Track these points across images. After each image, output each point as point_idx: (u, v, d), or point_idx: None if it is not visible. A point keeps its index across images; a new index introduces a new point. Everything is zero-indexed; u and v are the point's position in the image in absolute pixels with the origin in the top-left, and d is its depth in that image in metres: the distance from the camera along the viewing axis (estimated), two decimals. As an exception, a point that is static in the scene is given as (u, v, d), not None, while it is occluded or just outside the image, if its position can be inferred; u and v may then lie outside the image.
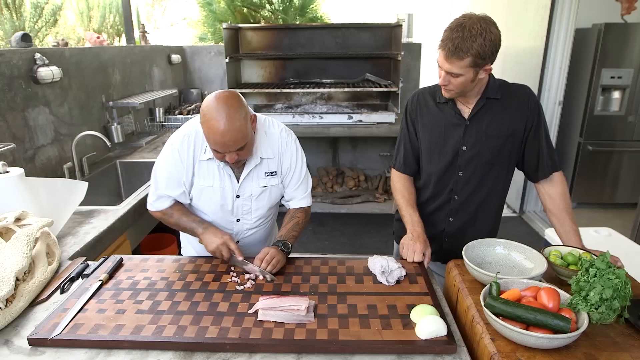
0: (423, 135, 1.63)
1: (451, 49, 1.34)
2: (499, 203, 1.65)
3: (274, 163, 1.57)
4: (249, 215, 1.60)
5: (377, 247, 3.77)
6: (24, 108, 2.20)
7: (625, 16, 4.01)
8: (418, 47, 4.74)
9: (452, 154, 1.56)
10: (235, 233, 1.63)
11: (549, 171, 1.55)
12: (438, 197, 1.64)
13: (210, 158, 1.49)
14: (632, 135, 4.23)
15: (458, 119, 1.55)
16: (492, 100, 1.51)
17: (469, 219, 1.63)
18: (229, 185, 1.53)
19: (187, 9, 11.95)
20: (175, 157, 1.51)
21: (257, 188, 1.56)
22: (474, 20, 1.34)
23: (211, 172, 1.52)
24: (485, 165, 1.55)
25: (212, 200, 1.55)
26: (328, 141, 5.06)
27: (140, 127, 3.60)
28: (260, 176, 1.55)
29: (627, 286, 1.06)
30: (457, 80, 1.41)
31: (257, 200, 1.58)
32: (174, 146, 1.52)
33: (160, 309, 1.22)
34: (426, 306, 1.19)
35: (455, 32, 1.34)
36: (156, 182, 1.55)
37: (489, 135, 1.52)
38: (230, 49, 4.29)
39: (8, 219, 1.41)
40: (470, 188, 1.58)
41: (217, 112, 1.31)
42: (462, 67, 1.37)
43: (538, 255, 1.36)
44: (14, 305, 1.20)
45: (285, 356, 1.07)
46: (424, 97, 1.63)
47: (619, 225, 2.88)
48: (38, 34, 8.21)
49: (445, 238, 1.67)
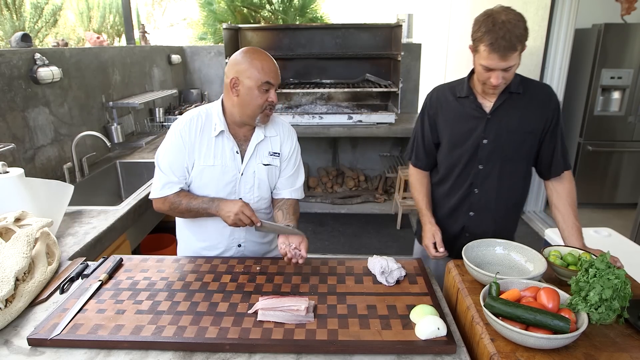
0: (444, 130, 1.65)
1: (506, 46, 1.36)
2: (519, 200, 1.66)
3: (277, 144, 1.62)
4: (250, 194, 1.60)
5: (376, 247, 3.77)
6: (24, 108, 2.20)
7: (625, 16, 4.01)
8: (418, 47, 4.75)
9: (472, 147, 1.58)
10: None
11: (562, 169, 1.58)
12: (458, 191, 1.65)
13: (221, 131, 1.53)
14: (632, 136, 4.23)
15: (479, 112, 1.56)
16: (514, 95, 1.53)
17: (489, 215, 1.64)
18: (232, 163, 1.55)
19: (187, 9, 11.95)
20: (178, 140, 1.53)
21: (261, 165, 1.59)
22: (502, 12, 1.38)
23: (214, 151, 1.54)
24: (505, 160, 1.56)
25: (213, 180, 1.55)
26: (328, 141, 5.07)
27: (140, 127, 3.60)
28: (264, 154, 1.60)
29: (626, 286, 1.06)
30: (510, 72, 1.43)
31: (259, 179, 1.60)
32: (176, 129, 1.54)
33: (160, 309, 1.22)
34: (426, 306, 1.19)
35: (500, 30, 1.35)
36: (160, 169, 1.55)
37: (509, 130, 1.53)
38: (230, 49, 4.29)
39: (8, 219, 1.41)
40: (491, 182, 1.59)
41: (258, 50, 1.49)
42: (516, 57, 1.39)
43: (538, 255, 1.36)
44: (14, 305, 1.20)
45: (285, 356, 1.07)
46: (443, 93, 1.66)
47: (619, 225, 2.88)
48: (38, 34, 8.22)
49: (466, 233, 1.67)
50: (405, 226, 4.15)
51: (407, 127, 4.22)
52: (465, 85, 1.59)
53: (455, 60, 7.04)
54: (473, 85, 1.59)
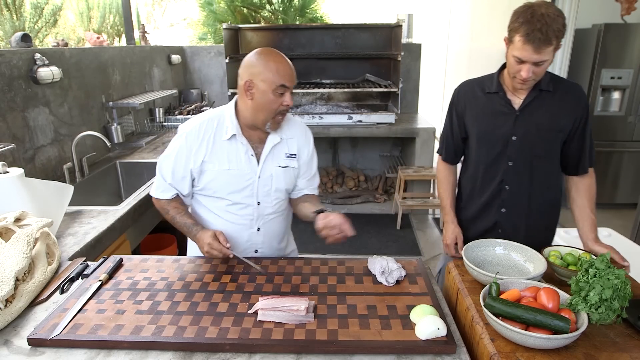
0: (472, 125, 1.65)
1: (542, 38, 1.35)
2: (554, 198, 1.65)
3: (294, 145, 1.59)
4: (268, 197, 1.58)
5: (376, 247, 3.77)
6: (24, 108, 2.20)
7: (625, 16, 4.01)
8: (418, 47, 4.75)
9: (502, 144, 1.58)
10: (257, 217, 1.60)
11: (588, 168, 1.59)
12: (488, 188, 1.65)
13: (233, 135, 1.50)
14: (632, 136, 4.23)
15: (508, 109, 1.56)
16: (544, 92, 1.53)
17: (521, 212, 1.63)
18: (247, 166, 1.52)
19: (187, 10, 11.95)
20: (182, 144, 1.51)
21: (277, 168, 1.56)
22: (544, 6, 1.38)
23: (225, 154, 1.51)
24: (535, 158, 1.56)
25: (228, 184, 1.53)
26: (328, 141, 5.07)
27: (140, 127, 3.60)
28: (280, 156, 1.57)
29: (626, 286, 1.06)
30: (541, 67, 1.43)
31: (276, 181, 1.57)
32: (184, 131, 1.52)
33: (160, 309, 1.22)
34: (426, 306, 1.19)
35: (537, 22, 1.35)
36: (161, 170, 1.56)
37: (539, 127, 1.53)
38: (230, 49, 4.29)
39: (8, 219, 1.41)
40: (521, 179, 1.59)
41: (273, 51, 1.45)
42: (550, 52, 1.39)
43: (538, 255, 1.36)
44: (14, 305, 1.20)
45: (285, 356, 1.07)
46: (471, 88, 1.66)
47: (619, 225, 2.88)
48: (38, 34, 8.22)
49: (499, 229, 1.67)
50: (405, 226, 4.15)
51: (407, 127, 4.22)
52: (495, 80, 1.59)
53: (455, 60, 7.04)
54: (503, 81, 1.59)
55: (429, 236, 3.99)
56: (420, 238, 3.93)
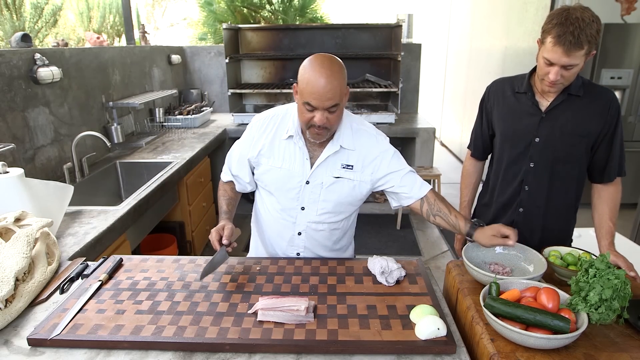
0: (498, 124, 1.66)
1: (573, 41, 1.34)
2: (570, 203, 1.65)
3: (354, 157, 1.50)
4: (314, 205, 1.53)
5: (377, 247, 3.77)
6: (23, 108, 2.20)
7: (625, 16, 4.01)
8: (418, 47, 4.75)
9: (524, 144, 1.58)
10: (298, 223, 1.57)
11: (615, 176, 1.58)
12: (509, 186, 1.66)
13: (290, 136, 1.48)
14: (632, 136, 4.23)
15: (534, 110, 1.56)
16: (573, 97, 1.52)
17: (538, 213, 1.64)
18: (300, 168, 1.49)
19: (187, 10, 11.96)
20: (249, 133, 1.55)
21: (330, 177, 1.50)
22: (580, 10, 1.37)
23: (282, 152, 1.50)
24: (557, 161, 1.56)
25: (279, 183, 1.52)
26: (328, 141, 5.06)
27: (140, 127, 3.60)
28: (335, 166, 1.50)
29: (626, 286, 1.06)
30: (571, 72, 1.42)
31: (326, 191, 1.51)
32: (254, 120, 1.56)
33: (160, 309, 1.22)
34: (426, 306, 1.19)
35: (571, 25, 1.34)
36: (230, 154, 1.62)
37: (563, 131, 1.52)
38: (230, 49, 4.29)
39: (8, 219, 1.41)
40: (541, 181, 1.59)
41: (323, 64, 1.33)
42: (579, 56, 1.38)
43: (538, 255, 1.36)
44: (14, 305, 1.20)
45: (285, 356, 1.07)
46: (502, 87, 1.67)
47: (619, 225, 2.87)
48: (38, 34, 8.22)
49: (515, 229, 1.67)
50: (405, 226, 4.15)
51: (407, 127, 4.22)
52: (526, 81, 1.59)
53: (455, 60, 7.05)
54: (533, 82, 1.58)
55: (429, 236, 3.99)
56: (420, 238, 3.94)
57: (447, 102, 7.41)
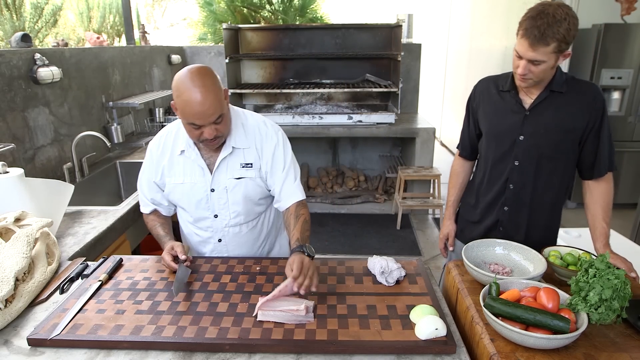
0: (483, 122, 1.66)
1: (537, 35, 1.35)
2: (555, 199, 1.64)
3: (251, 154, 1.50)
4: (226, 210, 1.54)
5: (377, 247, 3.77)
6: (23, 108, 2.20)
7: (624, 16, 4.01)
8: (418, 47, 4.75)
9: (509, 143, 1.58)
10: (216, 230, 1.59)
11: (605, 171, 1.55)
12: (494, 185, 1.66)
13: (182, 151, 1.49)
14: (632, 136, 4.23)
15: (518, 108, 1.56)
16: (556, 93, 1.51)
17: (523, 211, 1.63)
18: (202, 179, 1.50)
19: (187, 10, 11.96)
20: (148, 158, 1.55)
21: (232, 180, 1.50)
22: (555, 7, 1.36)
23: (181, 168, 1.51)
24: (541, 158, 1.55)
25: (185, 197, 1.53)
26: (328, 141, 5.07)
27: (140, 127, 3.60)
28: (234, 167, 1.50)
29: (626, 286, 1.06)
30: (539, 68, 1.41)
31: (233, 193, 1.51)
32: (149, 145, 1.57)
33: (160, 309, 1.22)
34: (425, 306, 1.19)
35: (539, 20, 1.35)
36: (140, 185, 1.61)
37: (548, 128, 1.52)
38: (230, 49, 4.29)
39: (8, 219, 1.41)
40: (526, 179, 1.59)
41: (193, 82, 1.28)
42: (547, 53, 1.37)
43: (537, 255, 1.36)
44: (14, 305, 1.20)
45: (285, 356, 1.07)
46: (487, 85, 1.67)
47: (619, 225, 2.88)
48: (38, 34, 8.22)
49: (500, 227, 1.68)
50: (405, 226, 4.15)
51: (407, 127, 4.22)
52: (510, 79, 1.58)
53: (455, 60, 7.05)
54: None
55: (429, 236, 3.99)
56: (420, 238, 3.94)
57: (447, 102, 7.41)
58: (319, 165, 5.16)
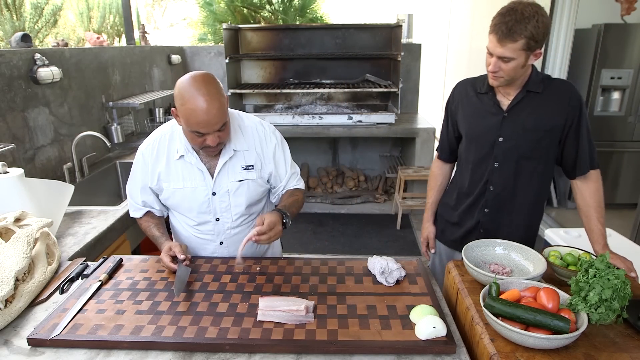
0: (462, 125, 1.66)
1: (505, 31, 1.35)
2: (536, 198, 1.63)
3: (251, 156, 1.52)
4: (227, 213, 1.55)
5: (376, 247, 3.77)
6: (23, 108, 2.20)
7: (625, 17, 4.01)
8: (418, 47, 4.75)
9: (488, 145, 1.58)
10: (217, 234, 1.60)
11: (587, 169, 1.55)
12: (475, 187, 1.66)
13: (181, 156, 1.47)
14: (632, 136, 4.23)
15: (496, 109, 1.55)
16: (533, 93, 1.51)
17: (503, 212, 1.63)
18: (202, 183, 1.49)
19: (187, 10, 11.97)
20: (141, 162, 1.51)
21: (234, 182, 1.50)
22: (525, 5, 1.37)
23: (180, 172, 1.49)
24: (521, 158, 1.55)
25: (186, 202, 1.52)
26: (328, 141, 5.07)
27: (140, 127, 3.60)
28: (235, 170, 1.51)
29: (626, 286, 1.06)
30: (509, 65, 1.41)
31: (235, 196, 1.53)
32: (140, 151, 1.52)
33: (160, 309, 1.22)
34: (426, 306, 1.19)
35: (507, 16, 1.35)
36: (130, 191, 1.58)
37: (526, 128, 1.52)
38: (230, 49, 4.29)
39: (8, 219, 1.41)
40: (506, 180, 1.59)
41: (198, 90, 1.27)
42: (515, 50, 1.37)
43: (537, 255, 1.36)
44: (14, 305, 1.20)
45: (285, 356, 1.07)
46: (465, 88, 1.66)
47: (619, 225, 2.88)
48: (38, 34, 8.22)
49: (481, 229, 1.68)
50: (405, 226, 4.15)
51: (407, 127, 4.22)
52: (486, 80, 1.58)
53: (455, 60, 7.04)
54: None
55: (429, 236, 3.99)
56: (420, 238, 3.93)
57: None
58: (319, 165, 5.16)
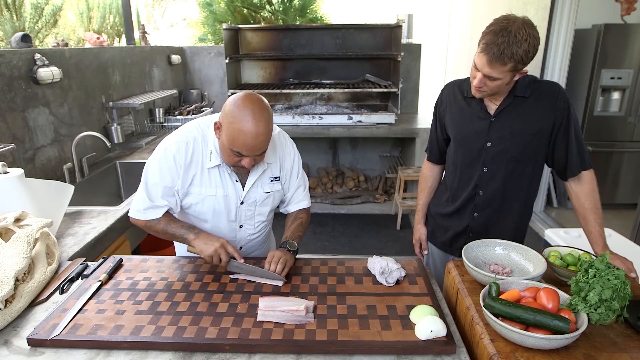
0: (450, 128, 1.65)
1: (496, 54, 1.33)
2: (525, 201, 1.63)
3: (276, 168, 1.55)
4: (251, 220, 1.58)
5: (376, 247, 3.77)
6: (23, 108, 2.20)
7: (624, 17, 4.01)
8: (418, 47, 4.75)
9: (477, 150, 1.57)
10: (238, 240, 1.61)
11: (578, 170, 1.53)
12: (463, 191, 1.65)
13: (217, 165, 1.44)
14: (632, 136, 4.23)
15: (484, 114, 1.55)
16: (520, 98, 1.50)
17: (493, 216, 1.63)
18: (233, 192, 1.49)
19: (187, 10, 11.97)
20: (170, 164, 1.41)
21: (262, 194, 1.53)
22: (519, 25, 1.33)
23: (214, 180, 1.46)
24: (510, 162, 1.54)
25: (214, 209, 1.50)
26: (328, 142, 5.07)
27: (140, 127, 3.60)
28: (264, 182, 1.53)
29: (626, 287, 1.06)
30: (494, 83, 1.41)
31: (261, 206, 1.56)
32: (169, 151, 1.41)
33: (160, 309, 1.22)
34: (425, 307, 1.19)
35: (500, 37, 1.32)
36: (148, 191, 1.45)
37: (514, 132, 1.51)
38: (230, 49, 4.29)
39: (8, 219, 1.41)
40: (495, 184, 1.58)
41: (253, 113, 1.27)
42: (503, 72, 1.36)
43: (537, 255, 1.36)
44: (14, 305, 1.20)
45: (285, 356, 1.07)
46: (452, 90, 1.65)
47: (619, 225, 2.88)
48: (38, 34, 8.22)
49: (470, 233, 1.68)
50: (405, 226, 4.15)
51: (407, 127, 4.22)
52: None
53: (455, 60, 7.05)
54: None
55: (429, 236, 3.99)
56: (420, 238, 3.93)
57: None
58: (319, 166, 5.16)
